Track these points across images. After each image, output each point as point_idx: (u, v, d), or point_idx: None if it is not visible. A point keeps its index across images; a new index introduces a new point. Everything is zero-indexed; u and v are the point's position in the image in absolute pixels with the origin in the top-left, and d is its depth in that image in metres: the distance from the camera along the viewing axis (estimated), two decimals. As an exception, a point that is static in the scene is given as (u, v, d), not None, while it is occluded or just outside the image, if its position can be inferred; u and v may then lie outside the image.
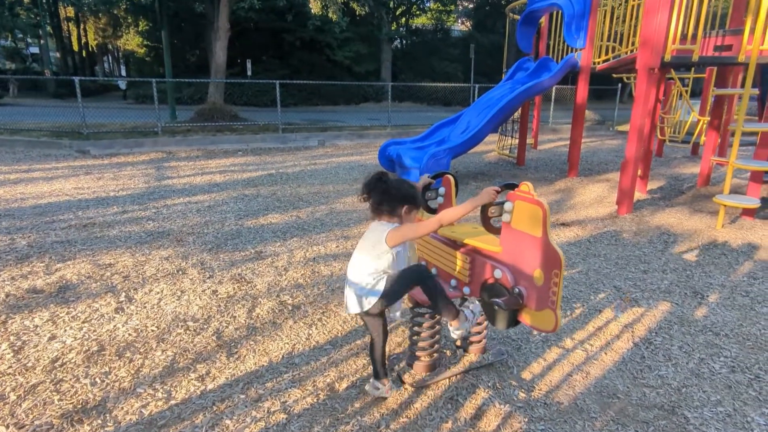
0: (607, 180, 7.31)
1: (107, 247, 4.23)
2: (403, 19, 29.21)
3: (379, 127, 13.70)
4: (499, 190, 2.03)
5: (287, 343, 2.74)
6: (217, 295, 3.32)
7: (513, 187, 1.95)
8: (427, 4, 31.28)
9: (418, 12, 31.07)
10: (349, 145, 11.47)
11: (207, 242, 4.42)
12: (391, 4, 25.77)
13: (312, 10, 12.52)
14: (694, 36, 5.14)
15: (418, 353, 2.39)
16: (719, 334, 2.92)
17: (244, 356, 2.60)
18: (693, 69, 9.58)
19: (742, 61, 4.92)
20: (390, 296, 2.06)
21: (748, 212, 5.26)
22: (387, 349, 2.68)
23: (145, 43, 29.19)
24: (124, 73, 40.46)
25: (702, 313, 3.19)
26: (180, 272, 3.71)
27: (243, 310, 3.12)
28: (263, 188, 6.67)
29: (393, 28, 26.89)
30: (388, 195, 2.08)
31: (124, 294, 3.32)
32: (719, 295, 3.48)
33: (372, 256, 2.08)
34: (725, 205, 4.94)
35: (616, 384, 2.43)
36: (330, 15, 12.53)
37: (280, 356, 2.61)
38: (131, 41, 32.27)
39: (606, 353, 2.71)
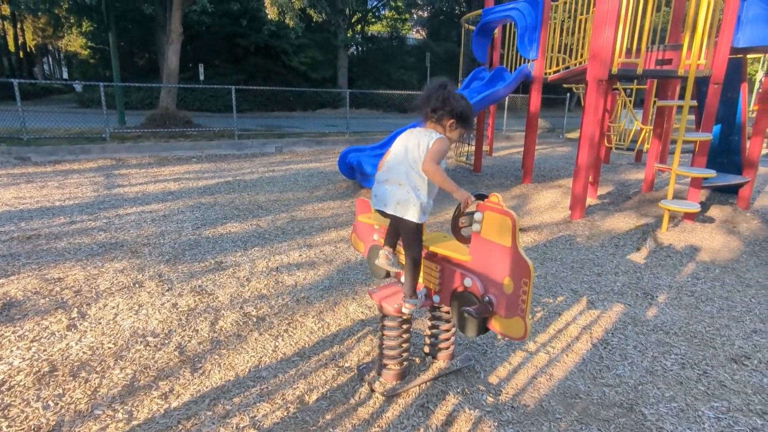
0: (559, 186, 7.61)
1: (55, 261, 3.98)
2: (359, 27, 29.37)
3: (337, 133, 13.66)
4: (474, 199, 2.07)
5: (253, 356, 2.67)
6: (177, 309, 3.20)
7: (483, 197, 2.00)
8: (383, 12, 31.61)
9: (373, 20, 31.35)
10: (308, 152, 11.38)
11: (164, 253, 4.25)
12: (348, 12, 25.85)
13: (268, 16, 12.35)
14: (638, 50, 5.46)
15: (387, 362, 2.39)
16: (669, 333, 3.10)
17: (209, 371, 2.51)
18: (636, 81, 10.16)
19: (681, 75, 5.27)
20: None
21: (689, 216, 5.62)
22: (356, 359, 2.67)
23: (90, 44, 27.80)
24: (66, 75, 38.32)
25: (653, 313, 3.38)
26: (137, 285, 3.55)
27: (205, 323, 3.02)
28: (220, 196, 6.50)
29: (349, 35, 26.97)
30: (445, 102, 2.11)
31: (76, 310, 3.14)
32: (667, 295, 3.70)
33: (415, 157, 2.09)
34: (669, 210, 5.25)
35: (578, 384, 2.53)
36: (287, 21, 12.43)
37: (247, 370, 2.54)
38: (74, 42, 30.64)
39: (567, 355, 2.81)
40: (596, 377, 2.60)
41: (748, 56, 7.36)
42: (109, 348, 2.70)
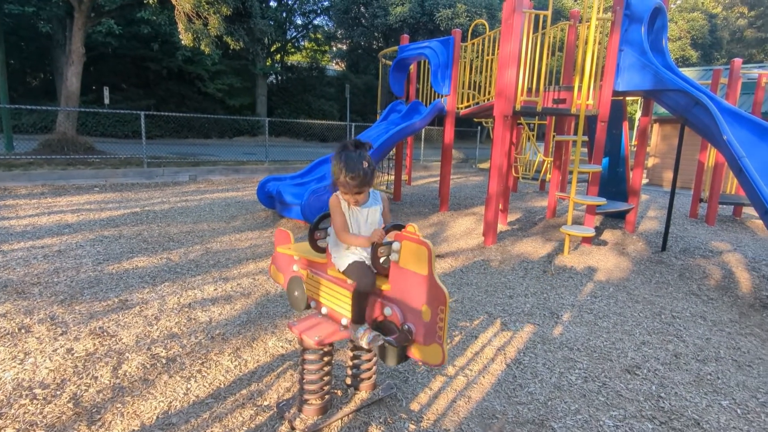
0: (474, 213, 8.03)
1: None
2: (279, 56, 29.36)
3: (256, 161, 13.39)
4: (386, 231, 2.12)
5: (162, 402, 2.47)
6: (72, 354, 2.89)
7: (400, 227, 2.06)
8: (302, 43, 31.92)
9: (293, 50, 31.51)
10: (224, 180, 11.00)
11: (58, 293, 3.84)
12: (267, 41, 25.78)
13: (182, 42, 11.95)
14: (538, 89, 6.02)
15: (307, 397, 2.33)
16: (573, 349, 3.34)
17: (110, 422, 2.28)
18: (537, 117, 11.13)
19: (573, 113, 5.87)
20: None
21: (586, 240, 6.17)
22: (276, 396, 2.57)
23: (-28, 61, 25.00)
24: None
25: (559, 331, 3.63)
26: (22, 330, 3.16)
27: (106, 368, 2.76)
28: (126, 228, 6.05)
29: (268, 63, 26.84)
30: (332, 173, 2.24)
31: (-58, 364, 2.72)
32: (570, 313, 4.00)
33: None
34: (569, 235, 5.73)
35: (494, 405, 2.63)
36: (202, 47, 12.11)
37: (154, 417, 2.34)
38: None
39: (484, 376, 2.92)
40: (511, 396, 2.72)
41: (628, 98, 8.37)
42: (-14, 405, 2.37)
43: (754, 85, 8.61)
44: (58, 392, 2.50)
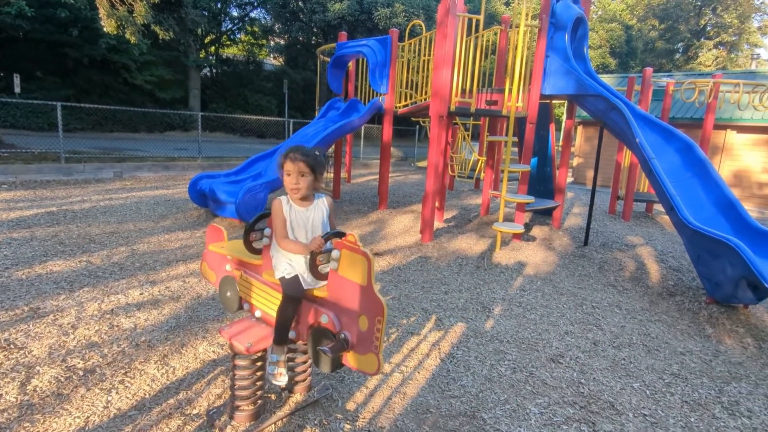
0: (412, 211, 8.15)
1: None
2: (213, 48, 28.20)
3: (188, 158, 12.79)
4: (325, 239, 2.09)
5: (78, 418, 2.31)
6: (-28, 371, 2.62)
7: (340, 235, 2.05)
8: (238, 36, 30.86)
9: (228, 42, 30.38)
10: (153, 178, 10.42)
11: (-44, 303, 3.47)
12: (200, 32, 24.67)
13: (105, 29, 11.13)
14: (472, 91, 6.21)
15: (239, 403, 2.27)
16: (503, 341, 3.49)
17: (17, 444, 2.10)
18: (472, 117, 11.48)
19: (504, 114, 6.12)
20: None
21: (517, 236, 6.46)
22: (206, 404, 2.48)
23: None
24: None
25: (490, 325, 3.77)
26: None
27: (13, 384, 2.53)
28: (39, 229, 5.57)
29: (202, 55, 25.71)
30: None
31: None
32: (501, 307, 4.17)
33: None
34: (501, 231, 5.98)
35: (429, 399, 2.69)
36: (128, 36, 11.35)
37: (69, 435, 2.18)
38: None
39: (419, 372, 2.98)
40: (444, 390, 2.80)
41: (555, 101, 8.85)
42: None
43: (663, 92, 9.40)
44: (-45, 413, 2.27)
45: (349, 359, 2.04)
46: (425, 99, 7.59)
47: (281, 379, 2.27)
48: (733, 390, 3.07)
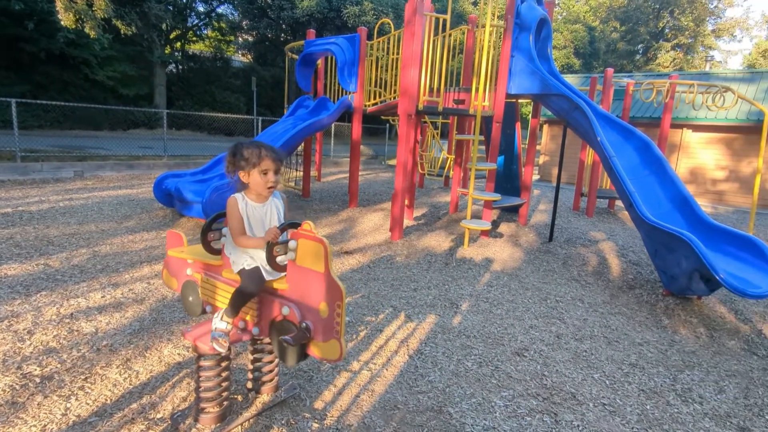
0: (382, 209, 8.18)
1: None
2: (179, 44, 27.49)
3: (153, 156, 12.46)
4: (281, 230, 2.09)
5: (34, 426, 2.23)
6: None
7: (296, 225, 2.05)
8: (205, 32, 30.17)
9: (195, 38, 29.67)
10: (116, 177, 10.11)
11: None
12: (164, 27, 24.01)
13: (63, 22, 10.69)
14: (439, 90, 6.27)
15: (204, 405, 2.24)
16: (470, 336, 3.56)
17: (-32, 455, 2.02)
18: (440, 116, 11.61)
19: (471, 113, 6.21)
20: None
21: (484, 233, 6.58)
22: (171, 407, 2.44)
23: None
24: None
25: (458, 321, 3.84)
26: None
27: (-36, 394, 2.42)
28: (-6, 232, 5.33)
29: (167, 51, 25.02)
30: None
31: None
32: (468, 303, 4.25)
33: None
34: (468, 228, 6.07)
35: (396, 396, 2.72)
36: (87, 30, 10.92)
37: (25, 444, 2.11)
38: None
39: (387, 369, 3.01)
40: (412, 386, 2.83)
41: (521, 101, 9.04)
42: None
43: (624, 92, 9.73)
44: None
45: (313, 349, 2.05)
46: (394, 97, 7.62)
47: (221, 346, 2.18)
48: (686, 378, 3.22)
